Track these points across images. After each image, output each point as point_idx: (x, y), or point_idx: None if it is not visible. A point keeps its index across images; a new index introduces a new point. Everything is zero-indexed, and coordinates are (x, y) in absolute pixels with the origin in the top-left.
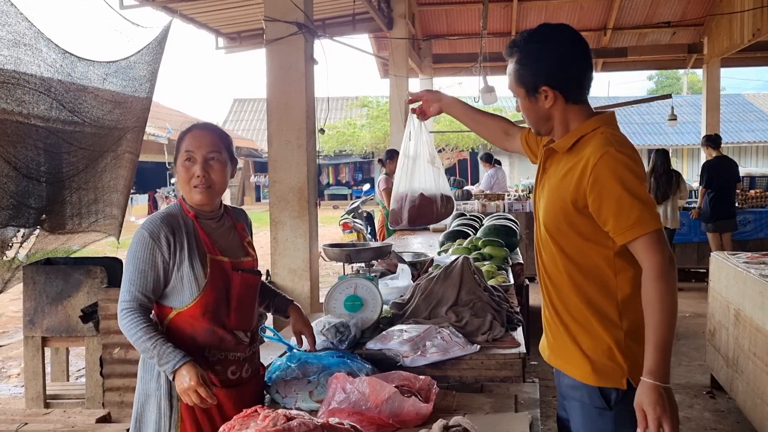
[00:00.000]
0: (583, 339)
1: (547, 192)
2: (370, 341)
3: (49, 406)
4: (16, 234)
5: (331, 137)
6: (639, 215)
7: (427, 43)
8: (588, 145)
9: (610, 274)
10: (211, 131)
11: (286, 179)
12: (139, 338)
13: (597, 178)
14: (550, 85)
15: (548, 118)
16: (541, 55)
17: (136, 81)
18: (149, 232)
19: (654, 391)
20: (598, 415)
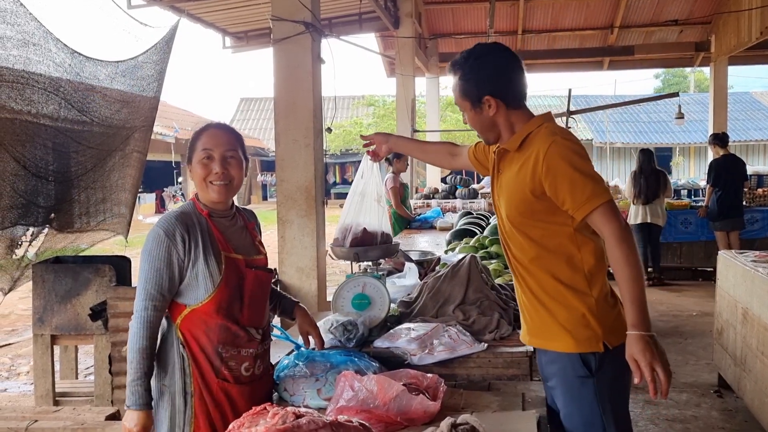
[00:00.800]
0: (559, 312)
1: (505, 189)
2: (377, 339)
3: (58, 404)
4: (25, 233)
5: (338, 136)
6: (591, 190)
7: (434, 42)
8: (535, 140)
9: (574, 250)
10: (227, 130)
11: (294, 178)
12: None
13: (549, 165)
14: (491, 94)
15: (494, 125)
16: (481, 68)
17: (143, 80)
18: (164, 230)
19: (640, 340)
20: (580, 384)
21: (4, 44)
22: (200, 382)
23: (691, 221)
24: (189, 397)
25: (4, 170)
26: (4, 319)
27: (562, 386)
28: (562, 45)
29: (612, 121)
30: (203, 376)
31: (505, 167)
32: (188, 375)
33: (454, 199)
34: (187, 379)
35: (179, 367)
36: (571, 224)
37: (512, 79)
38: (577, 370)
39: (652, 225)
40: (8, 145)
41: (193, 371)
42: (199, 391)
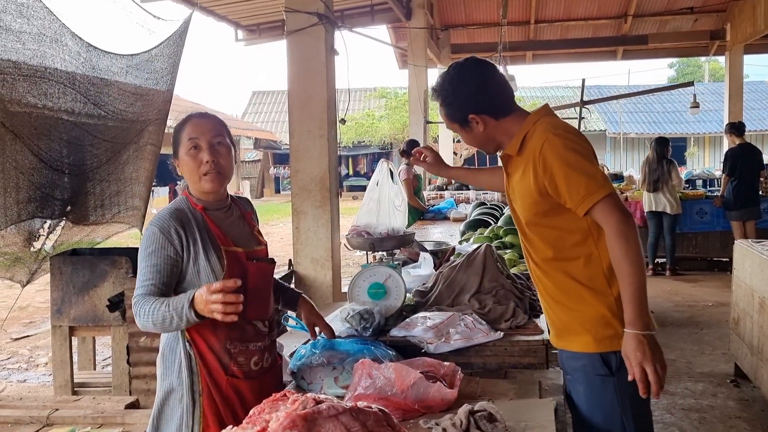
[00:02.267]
0: (579, 313)
1: (516, 193)
2: (394, 328)
3: (76, 394)
4: (42, 225)
5: (350, 128)
6: (586, 186)
7: (446, 33)
8: (532, 139)
9: (592, 247)
10: (211, 118)
11: (308, 169)
12: (155, 311)
13: (545, 164)
14: (475, 113)
15: (489, 139)
16: (458, 90)
17: (157, 74)
18: (159, 227)
19: (633, 339)
20: (601, 382)
21: (21, 38)
22: (208, 380)
23: (707, 211)
24: (197, 395)
25: (23, 163)
26: (23, 311)
27: (584, 383)
28: (576, 35)
29: (626, 112)
30: (211, 373)
31: (513, 171)
32: (196, 374)
33: (468, 190)
34: (195, 378)
35: (186, 366)
36: (585, 219)
37: (492, 92)
38: (597, 369)
39: (662, 214)
40: (26, 138)
41: (200, 369)
42: (208, 389)
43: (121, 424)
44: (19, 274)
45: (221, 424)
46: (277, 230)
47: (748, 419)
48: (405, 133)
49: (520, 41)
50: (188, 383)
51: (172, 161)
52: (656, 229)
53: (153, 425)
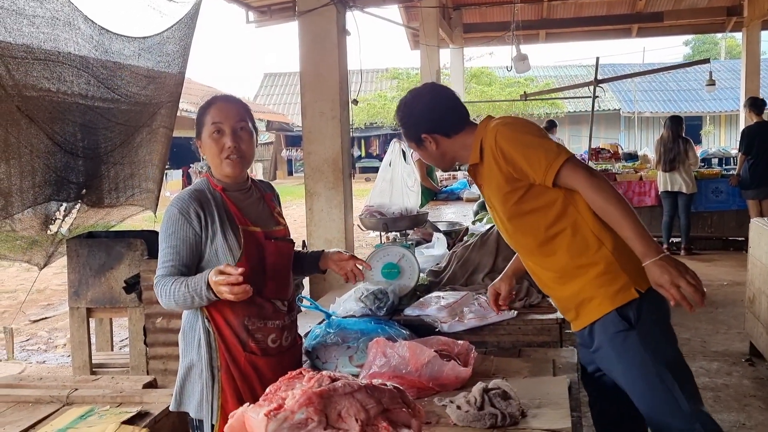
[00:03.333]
0: (585, 281)
1: (493, 197)
2: (408, 308)
3: (95, 374)
4: (58, 209)
5: (362, 110)
6: (545, 157)
7: (458, 13)
8: (487, 138)
9: (573, 213)
10: (235, 102)
11: (321, 150)
12: (175, 291)
13: (503, 152)
14: (426, 132)
15: (443, 156)
16: (410, 113)
17: (169, 56)
18: (178, 208)
19: (655, 266)
20: (623, 338)
21: (35, 22)
22: (227, 356)
23: (722, 190)
24: (216, 371)
25: (38, 147)
26: (40, 293)
27: (611, 349)
28: (590, 12)
29: (640, 90)
30: (230, 349)
31: (483, 180)
32: (214, 349)
33: None
34: (214, 354)
35: (205, 342)
36: (557, 190)
37: (441, 113)
38: (617, 325)
39: (678, 193)
40: (41, 122)
41: (219, 345)
42: (226, 364)
43: (140, 403)
44: (36, 257)
45: (239, 400)
46: (290, 212)
47: (762, 398)
48: None
49: (533, 20)
50: (207, 358)
51: (194, 142)
52: (671, 208)
53: (176, 400)
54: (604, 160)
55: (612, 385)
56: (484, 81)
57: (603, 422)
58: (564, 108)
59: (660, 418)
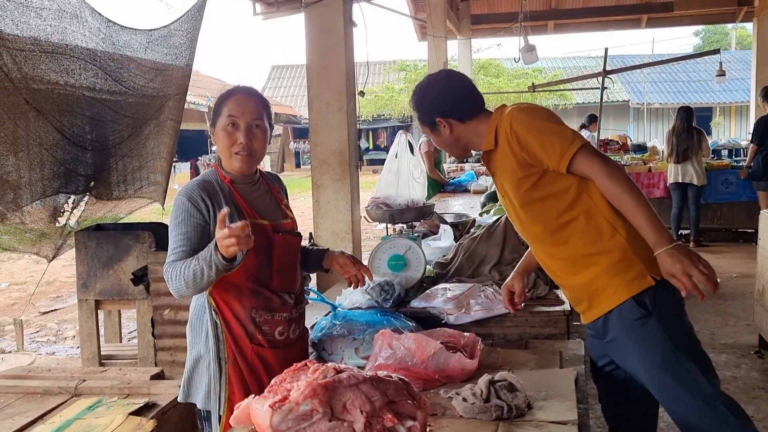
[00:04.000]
0: (599, 269)
1: (506, 184)
2: (414, 300)
3: (103, 366)
4: (67, 201)
5: (370, 102)
6: (560, 143)
7: (466, 4)
8: (502, 124)
9: (587, 200)
10: (254, 97)
11: (327, 142)
12: (186, 269)
13: (518, 137)
14: (440, 116)
15: (456, 142)
16: (425, 97)
17: (176, 49)
18: (187, 197)
19: (667, 255)
20: (641, 325)
21: (42, 15)
22: (234, 348)
23: (732, 181)
24: (223, 363)
25: (47, 140)
26: (50, 285)
27: (628, 338)
28: (599, 3)
29: (650, 81)
30: (237, 341)
31: (496, 167)
32: (222, 341)
33: None
34: (221, 345)
35: (213, 334)
36: (570, 177)
37: (458, 98)
38: (634, 313)
39: (688, 185)
40: (49, 114)
41: (226, 337)
42: (233, 356)
43: (147, 395)
44: (45, 249)
45: (246, 391)
46: (298, 204)
47: None
48: None
49: (541, 10)
50: (215, 350)
51: (209, 129)
52: (680, 200)
53: (184, 392)
54: (613, 151)
55: (623, 378)
56: (492, 72)
57: (612, 415)
58: (573, 99)
59: (682, 403)
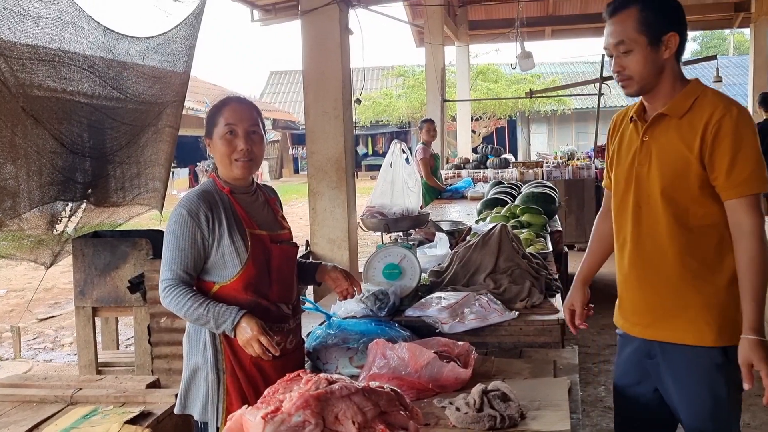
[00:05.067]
0: (701, 299)
1: (660, 158)
2: (409, 309)
3: (100, 373)
4: (64, 208)
5: (368, 108)
6: (751, 173)
7: (463, 10)
8: (705, 105)
9: (724, 231)
10: (249, 105)
11: (324, 150)
12: (189, 308)
13: (718, 133)
14: (676, 31)
15: (661, 71)
16: (668, 1)
17: (174, 56)
18: (187, 209)
19: (761, 347)
20: (716, 371)
21: (40, 23)
22: (232, 359)
23: None
24: (222, 373)
25: (44, 147)
26: (47, 292)
27: (692, 374)
28: (596, 9)
29: None
30: (235, 352)
31: (658, 133)
32: (220, 352)
33: (485, 168)
34: (219, 356)
35: (211, 345)
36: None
37: (685, 29)
38: (714, 359)
39: None
40: (46, 122)
41: (224, 348)
42: (231, 367)
43: (143, 403)
44: (42, 256)
45: (244, 402)
46: (296, 210)
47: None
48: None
49: (539, 17)
50: (213, 362)
51: (203, 140)
52: None
53: (181, 403)
54: None
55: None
56: (491, 78)
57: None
58: (572, 104)
59: None
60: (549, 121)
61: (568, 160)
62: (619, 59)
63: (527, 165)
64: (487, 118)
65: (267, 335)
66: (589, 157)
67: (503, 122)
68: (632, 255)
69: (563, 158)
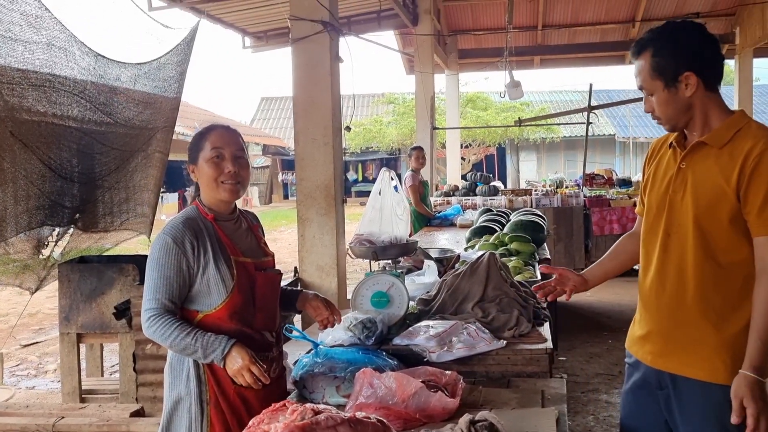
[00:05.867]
0: (718, 334)
1: (693, 186)
2: (396, 337)
3: (84, 401)
4: (51, 233)
5: (358, 134)
6: None
7: (453, 39)
8: (747, 137)
9: (752, 269)
10: (234, 131)
11: (313, 177)
12: (176, 337)
13: (758, 167)
14: (692, 70)
15: (688, 108)
16: (679, 41)
17: (165, 81)
18: (172, 237)
19: (757, 386)
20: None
21: (31, 48)
22: (216, 389)
23: None
24: (205, 404)
25: (32, 172)
26: (32, 318)
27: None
28: (583, 39)
29: (635, 116)
30: (219, 382)
31: (696, 162)
32: (204, 382)
33: (475, 196)
34: (203, 387)
35: (195, 375)
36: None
37: (714, 56)
38: (726, 395)
39: None
40: (35, 147)
41: (208, 378)
42: (215, 398)
43: None
44: (28, 281)
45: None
46: (285, 236)
47: None
48: (413, 138)
49: (527, 46)
50: (197, 392)
51: (186, 167)
52: None
53: None
54: (599, 185)
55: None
56: (480, 106)
57: None
58: (560, 133)
59: None
60: (538, 148)
61: (557, 188)
62: (647, 101)
63: (516, 192)
64: (477, 146)
65: (257, 365)
66: (578, 185)
67: (493, 149)
68: (654, 281)
69: (552, 186)
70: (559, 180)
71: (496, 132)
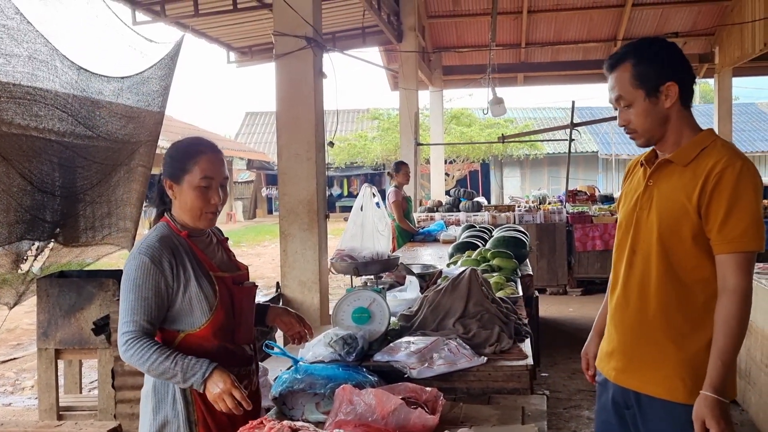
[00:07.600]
0: (679, 352)
1: (660, 204)
2: (377, 353)
3: (62, 418)
4: (30, 247)
5: (342, 149)
6: (745, 230)
7: (437, 55)
8: (711, 156)
9: (713, 286)
10: (221, 155)
11: (296, 192)
12: (154, 361)
13: (718, 185)
14: (674, 80)
15: (665, 121)
16: (660, 53)
17: (149, 95)
18: (149, 257)
19: (718, 407)
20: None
21: (11, 61)
22: (203, 409)
23: None
24: (194, 426)
25: (11, 186)
26: (10, 333)
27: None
28: (566, 57)
29: (617, 133)
30: (206, 401)
31: (662, 179)
32: (191, 403)
33: (458, 212)
34: (191, 408)
35: (181, 397)
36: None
37: (692, 73)
38: (688, 414)
39: None
40: (14, 161)
41: (195, 399)
42: (203, 417)
43: None
44: (6, 296)
45: None
46: (268, 251)
47: None
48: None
49: (511, 63)
50: (185, 414)
51: (164, 180)
52: None
53: None
54: (581, 202)
55: None
56: (464, 122)
57: None
58: (543, 149)
59: None
60: (522, 165)
61: (540, 204)
62: (623, 113)
63: (499, 209)
64: (461, 162)
65: (239, 389)
66: (561, 201)
67: (476, 166)
68: (619, 298)
69: (535, 202)
70: (542, 196)
71: (480, 148)
